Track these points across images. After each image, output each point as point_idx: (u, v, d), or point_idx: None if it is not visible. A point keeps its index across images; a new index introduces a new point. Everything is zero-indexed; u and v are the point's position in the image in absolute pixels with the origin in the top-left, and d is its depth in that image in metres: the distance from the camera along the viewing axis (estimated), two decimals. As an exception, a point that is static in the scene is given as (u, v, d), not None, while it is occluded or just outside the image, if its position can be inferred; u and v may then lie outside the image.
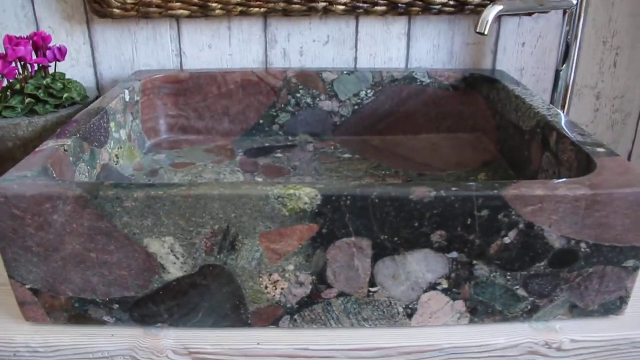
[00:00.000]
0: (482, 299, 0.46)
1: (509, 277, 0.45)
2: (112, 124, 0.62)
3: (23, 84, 0.62)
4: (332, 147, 0.74)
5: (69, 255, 0.44)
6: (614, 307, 0.48)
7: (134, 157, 0.68)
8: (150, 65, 0.79)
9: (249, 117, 0.76)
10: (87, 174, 0.55)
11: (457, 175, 0.66)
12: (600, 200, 0.42)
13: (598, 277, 0.46)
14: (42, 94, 0.63)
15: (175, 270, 0.44)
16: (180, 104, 0.75)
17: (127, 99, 0.67)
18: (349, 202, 0.42)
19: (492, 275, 0.45)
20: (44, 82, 0.64)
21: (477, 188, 0.42)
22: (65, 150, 0.50)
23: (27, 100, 0.61)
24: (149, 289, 0.45)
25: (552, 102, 0.77)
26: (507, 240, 0.44)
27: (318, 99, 0.76)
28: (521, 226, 0.43)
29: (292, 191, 0.42)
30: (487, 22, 0.60)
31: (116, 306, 0.46)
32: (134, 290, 0.45)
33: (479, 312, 0.47)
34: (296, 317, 0.47)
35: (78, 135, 0.53)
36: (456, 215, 0.42)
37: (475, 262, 0.44)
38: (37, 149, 0.49)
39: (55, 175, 0.47)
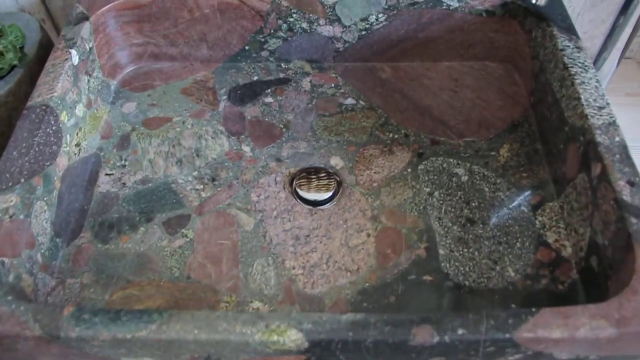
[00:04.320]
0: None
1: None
2: (63, 114, 0.51)
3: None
4: (332, 84, 0.62)
5: (45, 363, 0.41)
6: None
7: (99, 119, 0.58)
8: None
9: (232, 43, 0.62)
10: (46, 207, 0.47)
11: (476, 148, 0.57)
12: (625, 339, 0.38)
13: (602, 369, 0.44)
14: (-32, 70, 0.50)
15: (158, 370, 0.42)
16: (145, 31, 0.60)
17: (76, 62, 0.53)
18: (339, 346, 0.37)
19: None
20: (-33, 52, 0.50)
21: (487, 329, 0.37)
22: (11, 217, 0.43)
23: (-48, 84, 0.49)
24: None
25: (614, 26, 0.61)
26: (510, 359, 0.40)
27: (316, 24, 0.60)
28: (529, 353, 0.39)
29: (275, 337, 0.37)
30: None
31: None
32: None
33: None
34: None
35: (22, 180, 0.45)
36: (459, 352, 0.38)
37: (474, 367, 0.42)
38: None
39: (9, 266, 0.42)
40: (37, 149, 0.47)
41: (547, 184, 0.54)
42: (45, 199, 0.47)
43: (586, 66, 0.52)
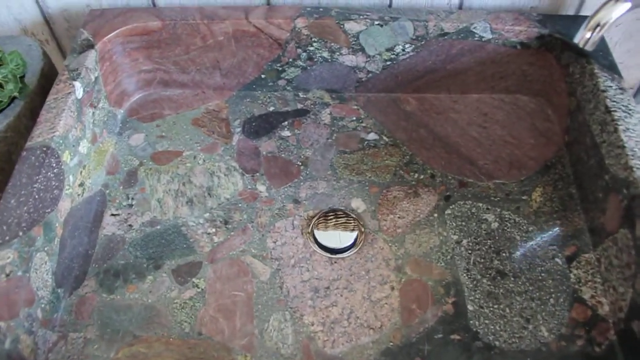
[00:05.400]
0: None
1: None
2: (66, 154, 0.47)
3: None
4: (354, 116, 0.58)
5: None
6: None
7: (105, 153, 0.54)
8: (105, -11, 0.57)
9: (247, 71, 0.58)
10: (47, 258, 0.44)
11: (506, 191, 0.53)
12: None
13: None
14: (-36, 105, 0.46)
15: None
16: (154, 57, 0.57)
17: (80, 95, 0.50)
18: None
19: None
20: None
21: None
22: (8, 275, 0.39)
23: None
24: None
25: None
26: None
27: (338, 53, 0.56)
28: None
29: None
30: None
31: None
32: None
33: None
34: None
35: (21, 233, 0.41)
36: None
37: None
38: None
39: (5, 331, 0.38)
40: (37, 196, 0.43)
41: (582, 233, 0.50)
42: (45, 249, 0.44)
43: (630, 110, 0.48)
